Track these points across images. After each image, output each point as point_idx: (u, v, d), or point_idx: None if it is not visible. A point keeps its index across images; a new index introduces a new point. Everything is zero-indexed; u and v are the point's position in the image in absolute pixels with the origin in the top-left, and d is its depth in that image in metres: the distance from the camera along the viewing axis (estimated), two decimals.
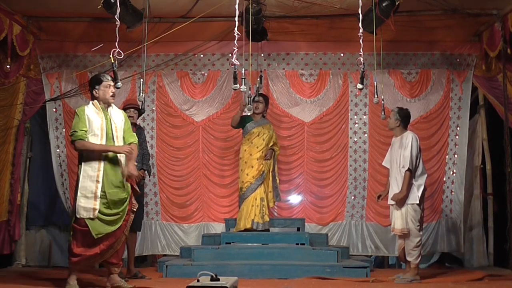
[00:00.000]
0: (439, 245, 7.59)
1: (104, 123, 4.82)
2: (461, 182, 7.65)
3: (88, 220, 4.68)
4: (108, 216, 4.73)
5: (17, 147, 7.46)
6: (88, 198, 4.69)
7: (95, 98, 4.90)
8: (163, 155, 7.79)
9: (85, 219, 4.67)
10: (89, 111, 4.83)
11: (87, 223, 4.68)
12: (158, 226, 7.71)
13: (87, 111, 4.82)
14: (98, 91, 4.88)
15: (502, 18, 6.72)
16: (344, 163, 7.76)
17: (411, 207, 5.72)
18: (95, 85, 4.89)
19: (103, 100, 4.89)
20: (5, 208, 7.22)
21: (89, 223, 4.67)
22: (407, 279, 5.67)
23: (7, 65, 6.81)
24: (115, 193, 4.77)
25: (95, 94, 4.89)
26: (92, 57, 7.65)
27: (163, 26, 6.95)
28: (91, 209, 4.67)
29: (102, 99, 4.89)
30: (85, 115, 4.78)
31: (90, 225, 4.67)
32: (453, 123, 7.74)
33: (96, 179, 4.71)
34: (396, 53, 7.73)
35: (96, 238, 4.69)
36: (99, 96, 4.88)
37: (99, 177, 4.72)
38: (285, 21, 7.15)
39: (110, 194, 4.74)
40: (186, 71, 7.87)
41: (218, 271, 4.59)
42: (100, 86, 4.88)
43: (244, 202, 6.80)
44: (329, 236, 7.36)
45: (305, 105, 7.82)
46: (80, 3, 6.57)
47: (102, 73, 5.39)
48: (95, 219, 4.68)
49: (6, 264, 7.36)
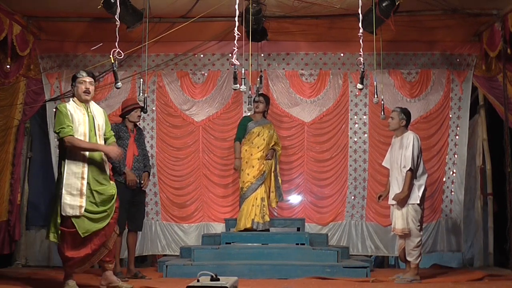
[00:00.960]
0: (439, 245, 7.59)
1: (87, 120, 4.81)
2: (461, 182, 7.65)
3: (74, 219, 4.61)
4: (94, 214, 4.67)
5: (17, 147, 7.46)
6: (73, 196, 4.62)
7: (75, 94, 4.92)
8: (163, 155, 7.79)
9: (71, 218, 4.60)
10: (70, 107, 4.81)
11: (73, 222, 4.61)
12: (158, 226, 7.71)
13: (69, 107, 4.80)
14: (74, 88, 4.90)
15: (502, 18, 6.72)
16: (344, 163, 7.76)
17: (412, 207, 5.72)
18: (72, 81, 4.94)
19: (78, 96, 4.89)
20: (5, 208, 7.23)
21: (75, 221, 4.60)
22: (407, 279, 5.67)
23: (7, 65, 6.81)
24: (103, 189, 4.74)
25: (74, 91, 4.91)
26: (92, 57, 7.65)
27: (163, 26, 6.95)
28: (77, 206, 4.61)
29: (77, 96, 4.89)
30: (68, 111, 4.75)
31: (76, 223, 4.60)
32: (453, 123, 7.74)
33: (81, 175, 4.66)
34: (396, 53, 7.73)
35: (84, 237, 4.63)
36: (75, 93, 4.90)
37: (84, 173, 4.67)
38: (285, 21, 7.15)
39: (98, 191, 4.71)
40: (186, 71, 7.87)
41: (218, 271, 4.59)
42: (75, 83, 4.89)
43: (245, 201, 6.80)
44: (329, 236, 7.36)
45: (305, 105, 7.82)
46: (80, 3, 6.56)
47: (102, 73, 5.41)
48: (81, 217, 4.61)
49: (6, 264, 7.36)
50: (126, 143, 6.11)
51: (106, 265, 4.89)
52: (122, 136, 6.10)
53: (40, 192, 7.97)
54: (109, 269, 4.89)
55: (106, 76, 7.58)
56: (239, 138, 7.00)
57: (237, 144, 7.00)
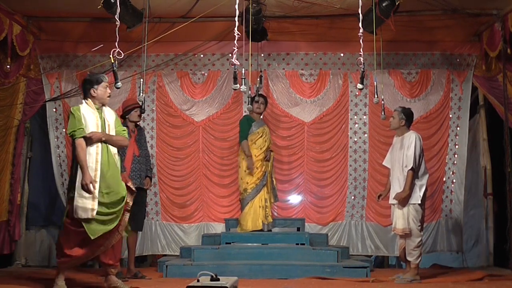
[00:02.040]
0: (439, 245, 7.59)
1: (100, 123, 4.81)
2: (461, 182, 7.66)
3: (84, 221, 4.60)
4: (105, 216, 4.66)
5: (17, 147, 7.46)
6: (85, 198, 4.60)
7: (91, 97, 4.87)
8: (163, 155, 7.79)
9: (82, 219, 4.60)
10: (84, 110, 4.79)
11: (83, 224, 4.60)
12: (158, 226, 7.71)
13: (82, 110, 4.79)
14: (97, 91, 4.85)
15: (502, 18, 6.72)
16: (344, 163, 7.76)
17: (413, 207, 5.72)
18: (94, 84, 4.86)
19: (101, 100, 4.88)
20: (5, 208, 7.22)
21: (85, 224, 4.59)
22: (407, 279, 5.67)
23: (7, 65, 6.81)
24: (114, 193, 4.73)
25: (92, 93, 4.85)
26: (92, 57, 7.65)
27: (163, 26, 6.95)
28: (89, 209, 4.59)
29: (99, 99, 4.87)
30: (81, 114, 4.75)
31: (86, 226, 4.59)
32: (453, 123, 7.74)
33: (94, 179, 4.64)
34: (396, 53, 7.73)
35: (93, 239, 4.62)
36: (97, 96, 4.86)
37: (96, 177, 4.66)
38: (285, 21, 7.15)
39: (110, 194, 4.69)
40: (186, 71, 7.87)
41: (218, 271, 4.59)
42: (99, 86, 4.85)
43: (251, 203, 6.79)
44: (329, 236, 7.36)
45: (305, 105, 7.82)
46: (80, 3, 6.57)
47: (102, 73, 5.40)
48: (92, 220, 4.60)
49: (6, 264, 7.35)
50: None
51: (109, 270, 4.83)
52: None
53: (40, 192, 7.97)
54: (112, 274, 4.83)
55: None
56: (245, 136, 6.90)
57: (246, 142, 6.87)
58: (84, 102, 4.88)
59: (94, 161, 4.70)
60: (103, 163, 4.74)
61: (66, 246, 4.69)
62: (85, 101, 4.88)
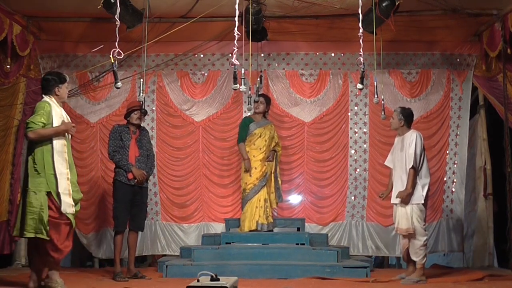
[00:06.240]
0: (440, 245, 7.58)
1: (63, 120, 4.91)
2: (462, 182, 7.66)
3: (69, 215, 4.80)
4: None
5: (17, 147, 7.44)
6: (66, 195, 4.78)
7: (54, 94, 4.93)
8: (163, 155, 7.79)
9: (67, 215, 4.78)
10: (53, 106, 4.88)
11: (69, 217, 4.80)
12: (158, 226, 7.71)
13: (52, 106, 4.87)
14: (60, 90, 4.95)
15: (502, 18, 6.71)
16: (344, 163, 7.76)
17: (416, 206, 5.72)
18: (59, 83, 4.95)
19: (62, 99, 5.00)
20: (5, 208, 7.22)
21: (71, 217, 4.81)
22: (413, 280, 5.65)
23: (7, 65, 6.81)
24: (75, 193, 4.89)
25: (56, 92, 4.93)
26: (92, 57, 7.65)
27: (163, 26, 6.95)
28: (71, 205, 4.80)
29: (61, 98, 4.98)
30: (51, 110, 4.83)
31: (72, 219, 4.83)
32: (453, 123, 7.74)
33: (67, 176, 4.82)
34: (396, 53, 7.73)
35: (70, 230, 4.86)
36: (60, 94, 4.96)
37: (68, 174, 4.84)
38: (285, 21, 7.15)
39: (73, 193, 4.85)
40: (186, 71, 7.87)
41: (218, 271, 4.59)
42: (63, 85, 4.96)
43: (248, 203, 6.80)
44: (330, 236, 7.36)
45: (305, 105, 7.82)
46: (80, 3, 6.57)
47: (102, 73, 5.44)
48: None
49: (6, 264, 7.35)
50: (128, 144, 6.18)
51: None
52: (124, 138, 6.16)
53: None
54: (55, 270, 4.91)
55: (106, 76, 7.58)
56: (242, 139, 6.97)
57: (242, 145, 6.96)
58: (51, 99, 4.93)
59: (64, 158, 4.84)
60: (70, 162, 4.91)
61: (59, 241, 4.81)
62: (49, 98, 4.93)
